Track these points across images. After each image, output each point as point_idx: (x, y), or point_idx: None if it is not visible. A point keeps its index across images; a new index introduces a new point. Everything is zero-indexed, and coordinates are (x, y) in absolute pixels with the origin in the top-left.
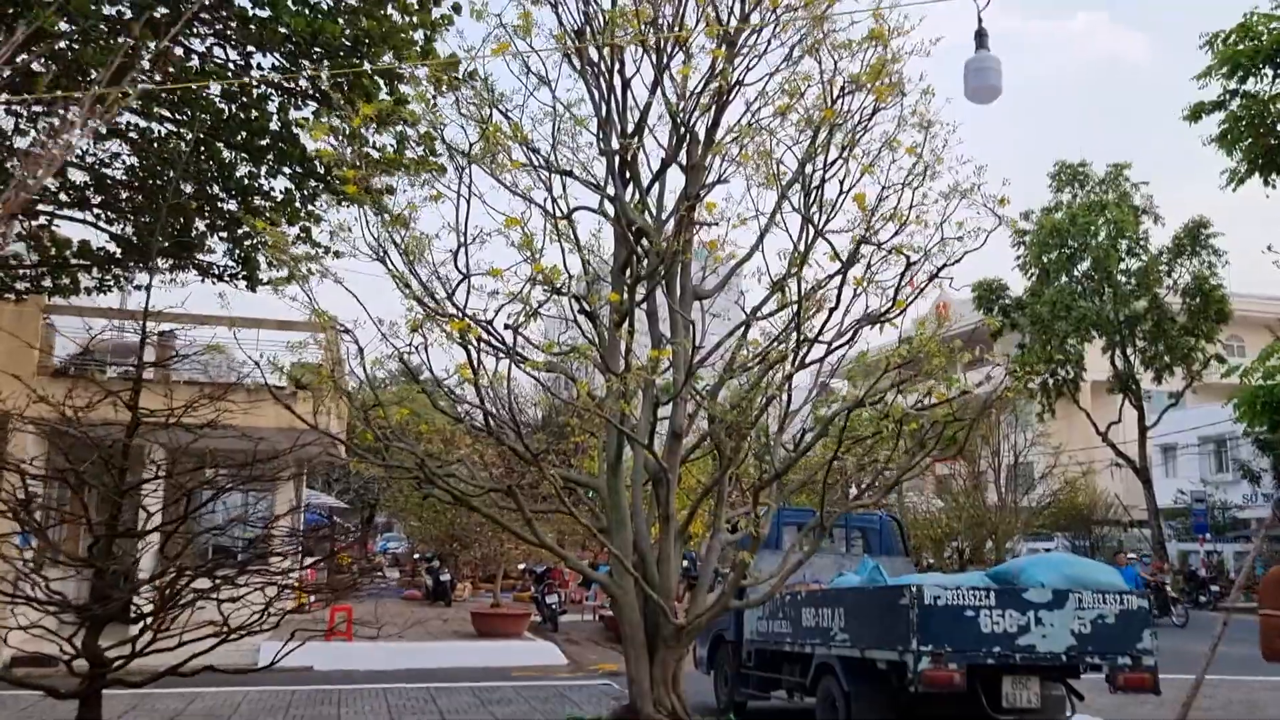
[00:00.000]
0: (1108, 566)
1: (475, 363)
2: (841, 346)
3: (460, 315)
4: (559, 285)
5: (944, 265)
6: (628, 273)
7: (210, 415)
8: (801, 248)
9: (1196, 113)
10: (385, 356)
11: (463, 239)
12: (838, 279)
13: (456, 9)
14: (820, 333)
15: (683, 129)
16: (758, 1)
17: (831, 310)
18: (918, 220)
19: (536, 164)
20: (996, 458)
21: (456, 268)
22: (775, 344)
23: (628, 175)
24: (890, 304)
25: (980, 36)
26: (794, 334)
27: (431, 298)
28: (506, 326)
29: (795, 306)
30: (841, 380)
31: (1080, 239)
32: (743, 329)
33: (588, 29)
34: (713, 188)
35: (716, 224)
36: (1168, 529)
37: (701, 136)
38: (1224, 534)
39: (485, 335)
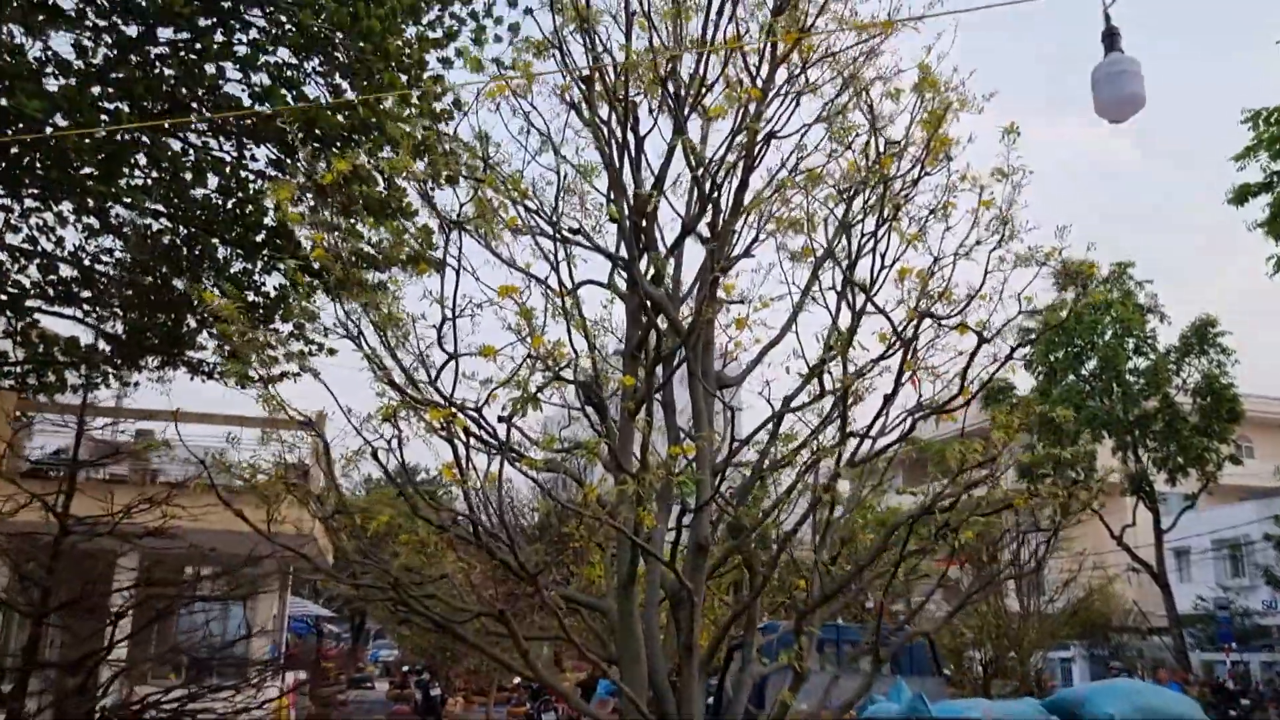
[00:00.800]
0: (1183, 696)
1: (463, 461)
2: (897, 443)
3: (445, 404)
4: (563, 366)
5: (1019, 345)
6: (642, 354)
7: (156, 519)
8: (844, 325)
9: (1241, 195)
10: (354, 454)
11: (450, 313)
12: (886, 361)
13: (457, 104)
14: (872, 426)
15: (708, 185)
16: (789, 51)
17: (888, 397)
18: (981, 294)
19: (536, 230)
20: (1017, 564)
21: (441, 347)
22: (813, 438)
23: (643, 241)
24: (945, 390)
25: (1110, 37)
26: (832, 426)
27: (412, 384)
28: (500, 419)
29: (839, 394)
30: (845, 479)
31: (1087, 337)
32: (774, 423)
33: (597, 80)
34: (738, 261)
35: (742, 302)
36: (1188, 637)
37: (727, 199)
38: (1247, 643)
39: (473, 427)
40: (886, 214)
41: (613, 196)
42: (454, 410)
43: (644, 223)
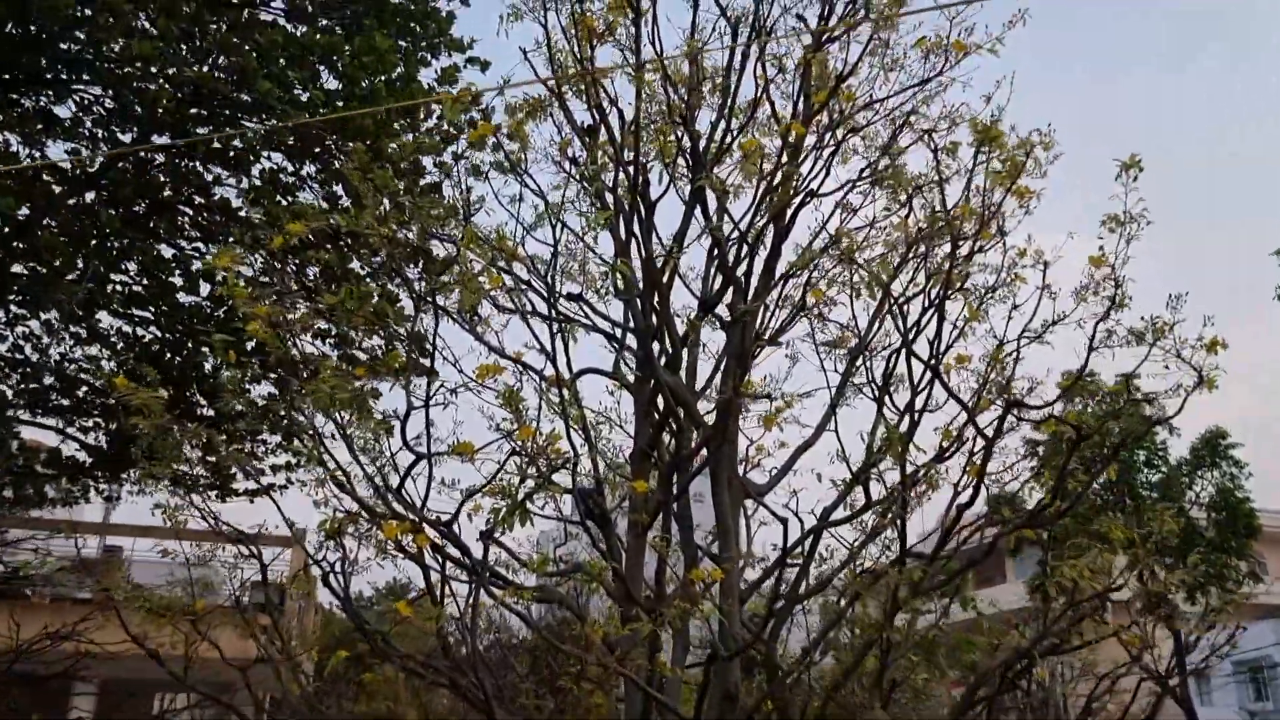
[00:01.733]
0: None
1: (438, 588)
2: (975, 564)
3: (410, 514)
4: (557, 467)
5: (1122, 442)
6: (655, 455)
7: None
8: (885, 420)
9: None
10: (293, 580)
11: (419, 400)
12: (945, 463)
13: (454, 210)
14: (943, 543)
15: (733, 253)
16: (825, 102)
17: (963, 507)
18: (1083, 385)
19: (527, 309)
20: (1044, 697)
21: (407, 446)
22: (855, 559)
23: (655, 319)
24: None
25: None
26: (874, 542)
27: (376, 491)
28: (481, 536)
29: (893, 505)
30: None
31: (1096, 450)
32: (809, 541)
33: (604, 138)
34: (766, 347)
35: (768, 397)
36: None
37: (753, 272)
38: None
39: (444, 544)
40: (955, 278)
41: (619, 263)
42: (415, 524)
43: (657, 297)
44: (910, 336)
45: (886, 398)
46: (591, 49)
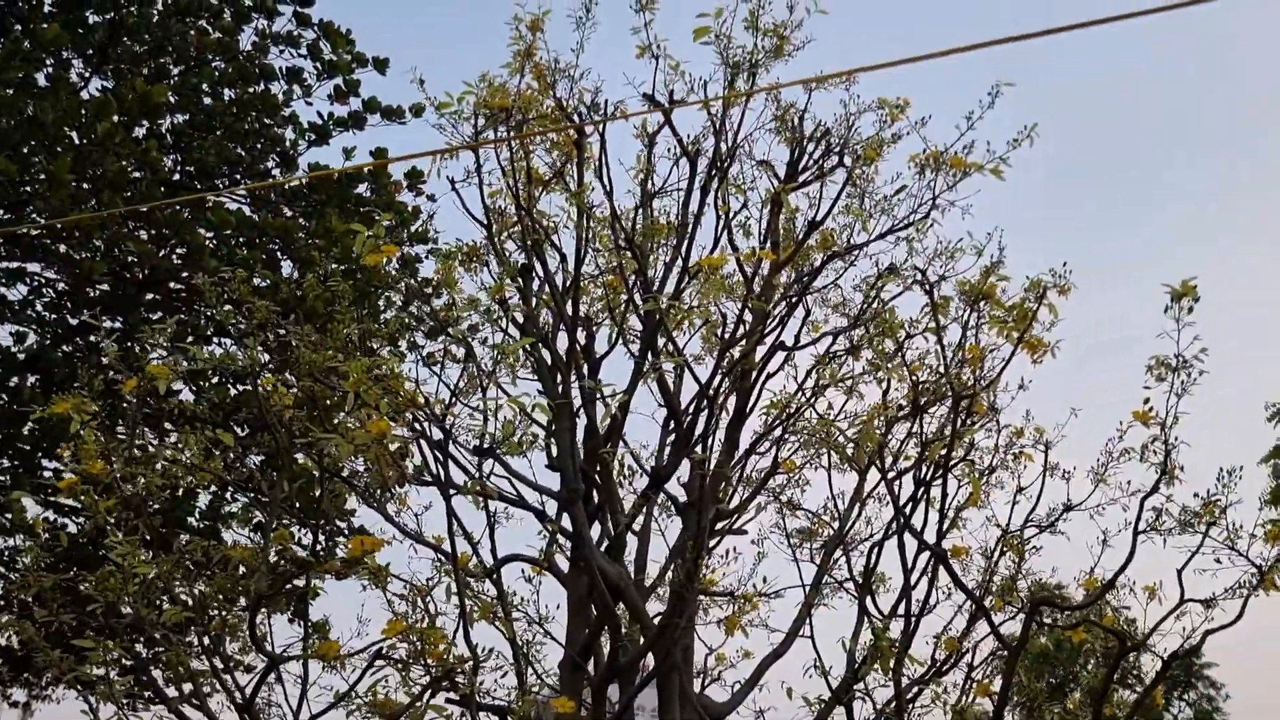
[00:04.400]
0: None
1: None
2: None
3: None
4: (447, 674)
5: (1175, 655)
6: (590, 665)
7: None
8: (872, 622)
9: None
10: None
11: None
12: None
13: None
14: None
15: (696, 407)
16: (791, 254)
17: None
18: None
19: (432, 476)
20: None
21: (259, 648)
22: None
23: (594, 493)
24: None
25: None
26: None
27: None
28: None
29: None
30: None
31: (1069, 666)
32: None
33: (544, 292)
34: (726, 535)
35: (730, 595)
36: None
37: (711, 445)
38: None
39: None
40: (957, 446)
41: (538, 404)
42: None
43: (599, 469)
44: (906, 515)
45: (870, 597)
46: (530, 193)
